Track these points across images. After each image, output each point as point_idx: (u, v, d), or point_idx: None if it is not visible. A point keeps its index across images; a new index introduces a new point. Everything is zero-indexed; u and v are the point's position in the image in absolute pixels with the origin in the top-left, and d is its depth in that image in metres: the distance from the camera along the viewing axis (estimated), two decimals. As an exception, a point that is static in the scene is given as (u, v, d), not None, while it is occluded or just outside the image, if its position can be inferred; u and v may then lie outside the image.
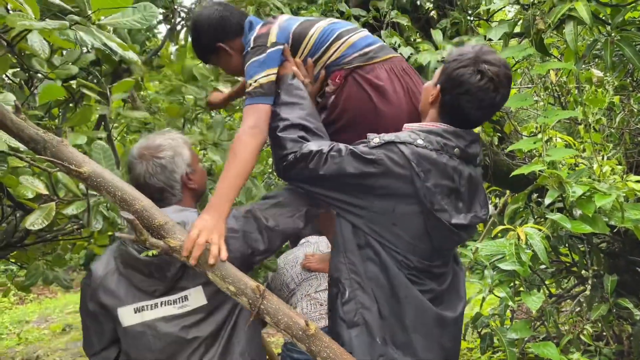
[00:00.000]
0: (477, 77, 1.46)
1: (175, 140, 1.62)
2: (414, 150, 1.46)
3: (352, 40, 1.71)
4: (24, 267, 3.10)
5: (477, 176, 1.59)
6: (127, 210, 1.27)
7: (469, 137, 1.54)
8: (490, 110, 1.54)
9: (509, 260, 1.92)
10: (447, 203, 1.49)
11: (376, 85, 1.66)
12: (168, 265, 1.45)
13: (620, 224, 1.96)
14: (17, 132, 1.25)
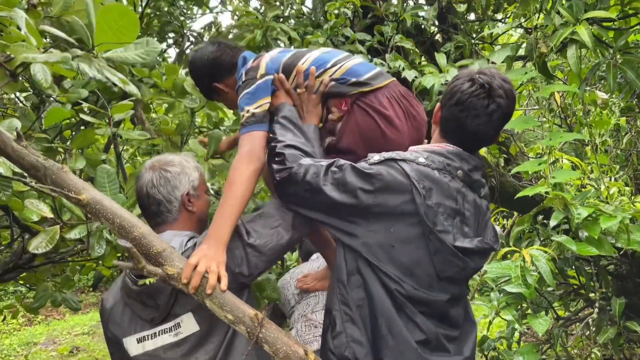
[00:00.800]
0: (467, 84, 1.45)
1: (188, 161, 1.65)
2: (415, 168, 1.43)
3: (348, 66, 1.73)
4: (32, 288, 3.12)
5: (483, 207, 1.52)
6: (126, 237, 1.26)
7: (472, 162, 1.50)
8: (487, 120, 1.46)
9: (515, 282, 1.91)
10: (450, 224, 1.43)
11: (382, 113, 1.67)
12: (158, 293, 1.46)
13: (626, 246, 1.95)
14: (18, 160, 1.26)
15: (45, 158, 1.27)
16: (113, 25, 1.29)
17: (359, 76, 1.71)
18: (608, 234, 1.99)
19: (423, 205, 1.39)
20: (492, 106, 1.44)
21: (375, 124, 1.68)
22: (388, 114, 1.68)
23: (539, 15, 2.23)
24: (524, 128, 2.17)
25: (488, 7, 2.61)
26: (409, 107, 1.72)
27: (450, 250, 1.41)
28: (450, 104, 1.49)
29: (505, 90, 1.45)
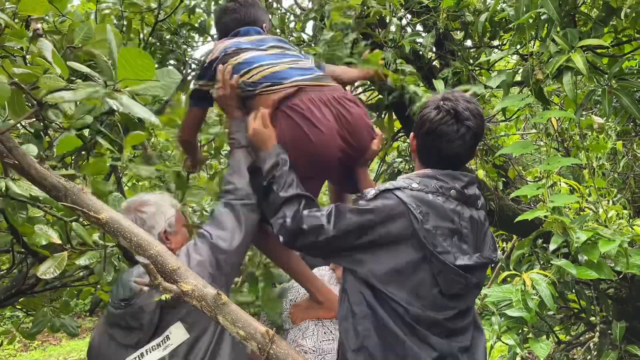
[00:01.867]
0: (434, 112, 1.54)
1: (162, 199, 1.71)
2: (409, 194, 1.49)
3: (272, 70, 1.83)
4: (30, 313, 3.11)
5: (480, 219, 1.58)
6: (142, 255, 1.32)
7: (465, 179, 1.56)
8: (461, 143, 1.53)
9: (516, 306, 1.92)
10: (449, 244, 1.48)
11: (305, 116, 1.73)
12: (141, 312, 1.51)
13: (625, 270, 1.96)
14: (40, 181, 1.32)
15: (67, 180, 1.31)
16: (132, 64, 1.34)
17: (276, 81, 1.80)
18: (607, 257, 2.01)
19: (422, 229, 1.45)
20: (462, 130, 1.52)
21: (299, 128, 1.74)
22: (311, 116, 1.73)
23: (534, 42, 2.28)
24: (521, 153, 2.20)
25: (484, 34, 2.67)
26: (340, 110, 1.78)
27: (452, 270, 1.46)
28: (422, 133, 1.57)
29: (472, 110, 1.54)
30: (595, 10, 2.27)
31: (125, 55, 1.34)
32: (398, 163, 3.48)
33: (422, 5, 2.86)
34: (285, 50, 1.96)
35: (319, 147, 1.73)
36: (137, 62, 1.35)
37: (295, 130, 1.74)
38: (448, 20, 2.87)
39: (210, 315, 1.32)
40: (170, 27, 2.98)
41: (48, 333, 7.15)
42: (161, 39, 2.94)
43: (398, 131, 3.54)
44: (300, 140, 1.73)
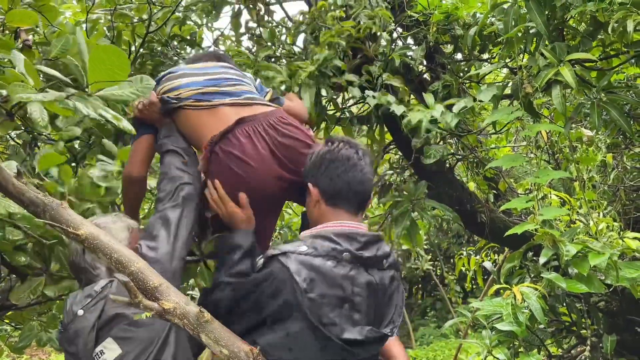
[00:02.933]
0: (326, 148, 1.58)
1: (115, 223, 1.66)
2: (295, 259, 1.37)
3: (200, 92, 1.85)
4: (18, 327, 3.06)
5: (384, 282, 1.45)
6: (123, 272, 1.29)
7: (362, 239, 1.44)
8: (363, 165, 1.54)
9: (506, 320, 1.91)
10: (337, 315, 1.34)
11: (235, 155, 1.71)
12: (76, 338, 1.51)
13: (615, 283, 1.96)
14: (17, 196, 1.30)
15: (45, 194, 1.29)
16: (105, 65, 1.33)
17: (203, 98, 1.83)
18: (598, 270, 2.01)
19: (305, 299, 1.33)
20: (359, 153, 1.53)
21: (230, 169, 1.72)
22: (241, 153, 1.71)
23: (523, 56, 2.29)
24: (512, 166, 2.20)
25: (474, 48, 2.68)
26: (275, 136, 1.75)
27: (337, 345, 1.33)
28: (322, 172, 1.53)
29: (363, 148, 1.58)
30: (583, 25, 2.28)
31: (99, 53, 1.33)
32: (389, 175, 3.47)
33: (412, 19, 2.88)
34: (223, 75, 1.95)
35: (253, 182, 1.72)
36: (111, 59, 1.33)
37: (226, 171, 1.74)
38: (438, 34, 2.89)
39: (193, 334, 1.30)
40: (161, 38, 2.98)
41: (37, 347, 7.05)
42: (152, 50, 2.93)
43: (389, 143, 3.54)
44: (233, 180, 1.73)
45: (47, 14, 2.51)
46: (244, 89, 1.92)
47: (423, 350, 7.06)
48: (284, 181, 1.76)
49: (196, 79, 1.90)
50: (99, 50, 1.33)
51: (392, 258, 1.50)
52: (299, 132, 1.81)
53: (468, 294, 8.22)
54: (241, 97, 1.86)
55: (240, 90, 1.90)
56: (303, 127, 1.90)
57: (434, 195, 3.25)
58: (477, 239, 6.38)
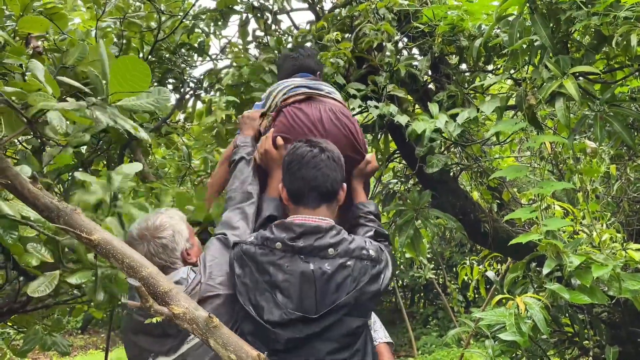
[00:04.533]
0: (291, 149, 1.70)
1: (173, 218, 1.71)
2: (240, 249, 1.59)
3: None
4: (21, 331, 3.08)
5: (324, 271, 1.53)
6: (134, 276, 1.32)
7: (299, 230, 1.57)
8: (320, 163, 1.64)
9: (509, 330, 1.92)
10: (264, 298, 1.51)
11: (296, 112, 2.09)
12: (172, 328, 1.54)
13: (618, 295, 1.96)
14: (32, 201, 1.33)
15: (59, 200, 1.32)
16: (126, 76, 1.37)
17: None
18: (600, 281, 2.01)
19: (240, 285, 1.54)
20: (315, 150, 1.63)
21: (287, 119, 2.11)
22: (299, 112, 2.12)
23: (527, 67, 2.31)
24: (515, 176, 2.22)
25: (479, 59, 2.71)
26: (330, 117, 2.11)
27: (260, 324, 1.50)
28: (285, 172, 1.68)
29: (329, 144, 1.70)
30: (587, 38, 2.30)
31: (119, 66, 1.36)
32: (393, 184, 3.49)
33: (417, 30, 2.91)
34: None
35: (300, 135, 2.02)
36: (133, 70, 1.36)
37: (284, 121, 2.10)
38: (443, 45, 2.91)
39: (202, 339, 1.32)
40: (170, 46, 3.01)
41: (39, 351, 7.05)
42: (160, 58, 2.97)
43: (393, 152, 3.56)
44: (285, 128, 2.07)
45: (57, 21, 2.55)
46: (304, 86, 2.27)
47: (425, 359, 7.04)
48: None
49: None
50: (121, 62, 1.36)
51: (343, 247, 1.57)
52: (350, 125, 2.12)
53: (470, 303, 8.20)
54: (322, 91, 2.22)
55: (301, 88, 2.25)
56: (356, 125, 2.20)
57: (438, 205, 3.26)
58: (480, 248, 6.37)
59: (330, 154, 1.65)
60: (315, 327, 1.50)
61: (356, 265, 1.57)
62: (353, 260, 1.57)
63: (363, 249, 1.61)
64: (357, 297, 1.56)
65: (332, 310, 1.51)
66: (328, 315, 1.51)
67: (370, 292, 1.60)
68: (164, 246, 1.65)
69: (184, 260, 1.68)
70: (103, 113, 1.34)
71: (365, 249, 1.61)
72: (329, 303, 1.51)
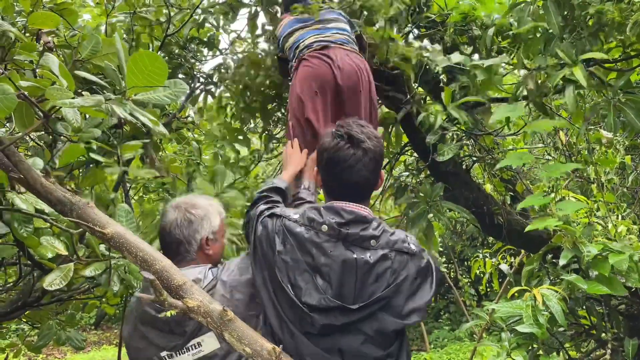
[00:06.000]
0: (329, 140, 1.57)
1: (212, 206, 1.74)
2: (283, 223, 1.54)
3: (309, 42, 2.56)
4: (35, 326, 3.10)
5: (367, 261, 1.50)
6: (148, 270, 1.31)
7: (348, 216, 1.52)
8: (361, 167, 1.55)
9: (526, 322, 1.89)
10: (304, 280, 1.46)
11: (315, 55, 2.46)
12: (188, 320, 1.52)
13: (637, 285, 1.93)
14: (45, 195, 1.32)
15: (72, 194, 1.32)
16: (144, 70, 1.36)
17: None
18: (618, 273, 1.98)
19: (279, 260, 1.48)
20: (359, 153, 1.53)
21: (307, 65, 2.50)
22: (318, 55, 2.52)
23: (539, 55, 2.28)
24: (519, 164, 2.19)
25: (492, 49, 2.67)
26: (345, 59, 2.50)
27: (297, 306, 1.45)
28: (322, 165, 1.60)
29: (367, 133, 1.56)
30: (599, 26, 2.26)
31: (137, 61, 1.35)
32: (405, 177, 3.46)
33: (429, 19, 2.88)
34: (327, 25, 2.62)
35: (317, 70, 2.44)
36: (150, 65, 1.36)
37: (305, 68, 2.47)
38: (455, 35, 2.88)
39: (217, 332, 1.31)
40: (179, 41, 3.01)
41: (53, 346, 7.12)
42: (170, 53, 2.96)
43: (405, 145, 3.54)
44: (307, 73, 2.45)
45: (67, 17, 2.55)
46: (339, 37, 2.58)
47: (437, 353, 7.02)
48: (335, 81, 2.45)
49: (304, 31, 2.62)
50: (138, 56, 1.35)
51: (385, 240, 1.54)
52: (360, 62, 2.51)
53: (482, 297, 8.16)
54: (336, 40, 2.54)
55: (336, 39, 2.56)
56: (365, 64, 2.55)
57: (450, 197, 3.23)
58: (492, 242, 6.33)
59: (372, 154, 1.56)
60: (352, 317, 1.48)
61: (396, 258, 1.54)
62: (394, 252, 1.54)
63: (404, 242, 1.57)
64: (395, 292, 1.52)
65: (370, 302, 1.48)
66: (365, 308, 1.49)
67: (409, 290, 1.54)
68: (190, 222, 1.66)
69: (201, 247, 1.67)
70: (120, 108, 1.33)
71: (407, 242, 1.58)
72: (368, 293, 1.49)
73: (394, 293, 1.51)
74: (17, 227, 1.60)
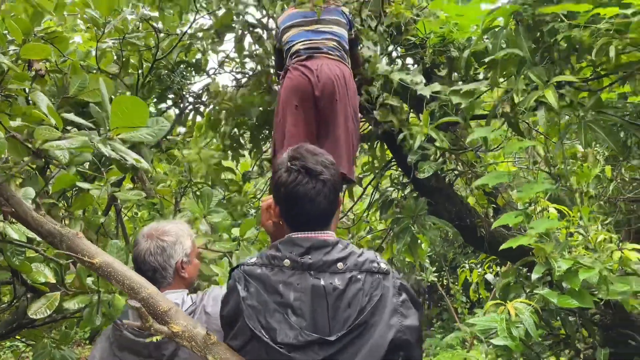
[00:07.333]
0: (286, 175, 1.51)
1: (182, 230, 1.79)
2: (242, 270, 1.46)
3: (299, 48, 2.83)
4: (30, 344, 3.16)
5: (335, 286, 1.44)
6: (134, 297, 1.37)
7: (306, 244, 1.47)
8: (321, 199, 1.49)
9: (501, 335, 1.98)
10: (276, 320, 1.39)
11: (297, 67, 2.72)
12: (166, 344, 1.56)
13: (606, 297, 2.02)
14: (36, 228, 1.39)
15: (62, 226, 1.39)
16: (126, 112, 1.45)
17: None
18: (590, 285, 2.07)
19: (246, 307, 1.40)
20: (318, 185, 1.48)
21: (290, 77, 2.78)
22: (299, 67, 2.79)
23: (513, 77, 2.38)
24: (496, 183, 2.29)
25: (469, 69, 2.77)
26: (321, 69, 2.73)
27: (272, 348, 1.38)
28: (281, 198, 1.53)
29: (322, 163, 1.51)
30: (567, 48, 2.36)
31: (120, 104, 1.44)
32: (390, 192, 3.55)
33: (409, 42, 2.98)
34: (322, 27, 2.82)
35: (296, 83, 2.68)
36: (131, 108, 1.44)
37: (286, 81, 2.73)
38: (435, 56, 2.98)
39: (200, 355, 1.37)
40: (168, 64, 3.10)
41: (48, 362, 7.11)
42: (159, 76, 3.05)
43: (390, 160, 3.63)
44: (289, 83, 2.71)
45: (58, 44, 2.64)
46: (331, 45, 2.80)
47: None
48: (312, 92, 2.68)
49: (299, 31, 2.85)
50: (121, 100, 1.44)
51: (352, 261, 1.49)
52: (340, 71, 2.71)
53: (475, 304, 8.23)
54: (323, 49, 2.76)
55: (328, 45, 2.78)
56: (345, 73, 2.75)
57: (434, 211, 3.32)
58: (482, 250, 6.41)
59: (331, 184, 1.52)
60: (331, 349, 1.41)
61: (367, 279, 1.48)
62: (364, 274, 1.48)
63: (373, 262, 1.52)
64: (372, 314, 1.45)
65: (348, 331, 1.42)
66: (344, 337, 1.41)
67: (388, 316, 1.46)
68: (163, 249, 1.72)
69: (177, 271, 1.74)
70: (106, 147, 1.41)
71: (376, 262, 1.52)
72: (343, 320, 1.43)
73: (371, 316, 1.44)
74: (10, 256, 1.67)
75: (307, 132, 2.71)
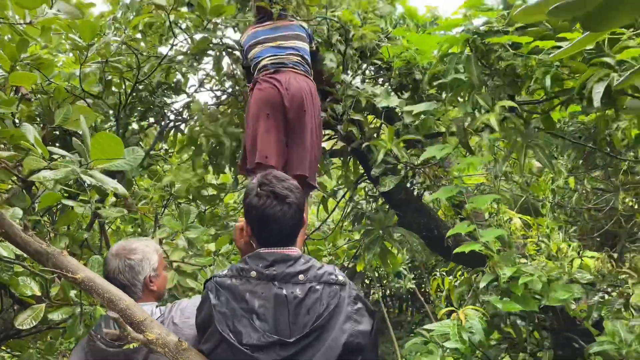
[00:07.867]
0: (256, 200, 1.70)
1: (148, 247, 1.95)
2: (215, 281, 1.65)
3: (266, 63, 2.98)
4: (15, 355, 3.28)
5: (296, 295, 1.63)
6: (113, 309, 1.54)
7: (270, 257, 1.67)
8: (288, 220, 1.69)
9: (453, 339, 2.17)
10: (243, 325, 1.57)
11: (266, 80, 2.90)
12: (134, 353, 1.71)
13: (547, 303, 2.22)
14: (25, 247, 1.55)
15: (48, 245, 1.55)
16: (104, 147, 1.63)
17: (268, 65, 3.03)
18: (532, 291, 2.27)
19: (217, 313, 1.59)
20: (284, 208, 1.68)
21: (260, 89, 2.93)
22: (269, 80, 2.94)
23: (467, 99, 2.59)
24: (447, 196, 2.50)
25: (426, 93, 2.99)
26: (289, 83, 2.90)
27: (239, 349, 1.56)
28: (251, 220, 1.73)
29: (288, 187, 1.71)
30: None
31: (98, 139, 1.62)
32: (362, 205, 3.74)
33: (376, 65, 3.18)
34: (285, 43, 2.99)
35: (266, 94, 2.84)
36: (109, 143, 1.62)
37: (256, 91, 2.89)
38: (400, 77, 3.19)
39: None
40: (148, 86, 3.27)
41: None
42: (141, 98, 3.22)
43: (362, 174, 3.82)
44: (258, 96, 2.87)
45: (44, 70, 2.80)
46: (295, 60, 2.96)
47: (411, 367, 7.23)
48: (282, 103, 2.84)
49: (265, 47, 3.01)
50: (99, 137, 1.63)
51: (312, 273, 1.68)
52: (306, 85, 2.91)
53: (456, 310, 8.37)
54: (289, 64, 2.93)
55: (292, 61, 2.95)
56: (310, 85, 2.96)
57: (404, 223, 3.52)
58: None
59: (296, 206, 1.71)
60: (291, 349, 1.59)
61: (325, 289, 1.67)
62: (322, 285, 1.67)
63: (331, 274, 1.71)
64: (328, 320, 1.63)
65: (306, 334, 1.60)
66: (302, 339, 1.60)
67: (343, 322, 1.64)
68: (131, 267, 1.87)
69: (146, 285, 1.89)
70: (87, 176, 1.60)
71: (334, 274, 1.71)
72: (302, 325, 1.61)
73: (327, 322, 1.63)
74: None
75: (277, 139, 2.87)
